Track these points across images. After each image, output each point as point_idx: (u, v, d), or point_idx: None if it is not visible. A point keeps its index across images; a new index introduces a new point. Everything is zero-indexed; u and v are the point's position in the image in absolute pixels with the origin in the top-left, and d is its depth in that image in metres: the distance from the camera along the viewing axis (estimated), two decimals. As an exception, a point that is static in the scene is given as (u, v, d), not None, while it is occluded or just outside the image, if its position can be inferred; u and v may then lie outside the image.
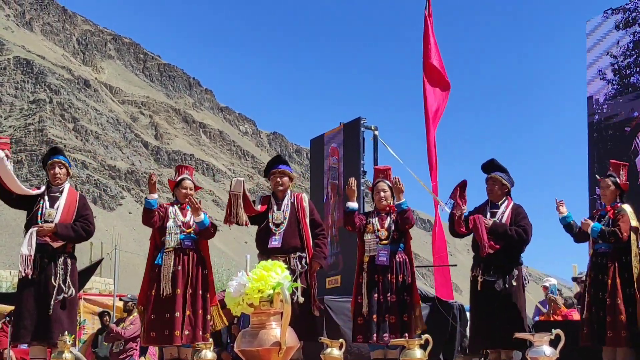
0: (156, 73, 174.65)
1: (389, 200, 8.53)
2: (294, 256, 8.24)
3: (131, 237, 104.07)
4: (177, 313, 8.10)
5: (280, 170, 8.59)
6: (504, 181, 8.38)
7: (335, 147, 14.40)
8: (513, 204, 8.38)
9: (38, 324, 7.97)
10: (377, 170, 8.93)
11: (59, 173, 8.46)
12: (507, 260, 8.15)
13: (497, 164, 8.48)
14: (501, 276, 8.07)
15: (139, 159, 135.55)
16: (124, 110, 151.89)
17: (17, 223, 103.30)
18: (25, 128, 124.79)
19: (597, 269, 8.04)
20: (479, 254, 8.24)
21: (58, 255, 8.22)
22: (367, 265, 8.35)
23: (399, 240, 8.39)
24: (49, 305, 7.99)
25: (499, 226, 8.15)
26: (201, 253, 8.49)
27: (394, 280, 8.20)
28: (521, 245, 8.26)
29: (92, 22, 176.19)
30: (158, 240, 8.46)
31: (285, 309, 3.72)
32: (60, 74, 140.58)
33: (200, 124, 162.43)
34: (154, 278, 8.30)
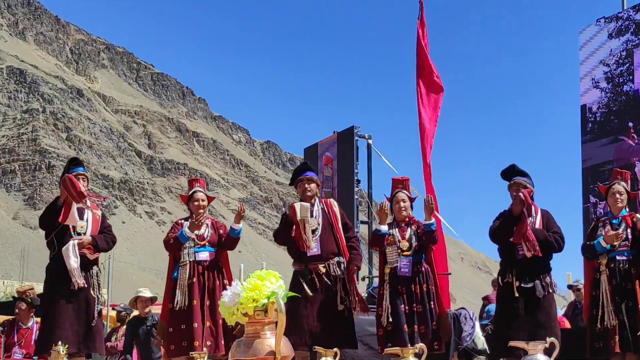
0: (149, 82, 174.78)
1: (408, 211, 8.47)
2: (332, 262, 8.18)
3: (124, 246, 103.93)
4: (196, 324, 8.09)
5: (307, 177, 8.48)
6: (529, 185, 8.26)
7: (330, 156, 14.41)
8: (541, 209, 8.21)
9: (82, 334, 8.01)
10: (396, 181, 8.81)
11: (83, 185, 8.43)
12: (542, 265, 8.00)
13: (518, 169, 8.32)
14: (537, 282, 7.94)
15: (132, 168, 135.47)
16: (117, 119, 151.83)
17: (11, 233, 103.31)
18: (18, 137, 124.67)
19: (618, 276, 7.88)
20: (511, 258, 8.10)
21: (92, 265, 8.26)
22: (389, 276, 8.31)
23: (420, 251, 8.31)
24: (92, 316, 8.07)
25: (539, 232, 7.96)
26: (219, 263, 8.50)
27: (418, 291, 8.16)
28: (555, 253, 8.15)
29: (85, 32, 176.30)
30: (177, 254, 8.46)
31: (279, 318, 3.70)
32: (53, 84, 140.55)
33: (193, 133, 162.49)
34: (171, 291, 8.33)
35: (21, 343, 10.20)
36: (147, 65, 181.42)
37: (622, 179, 8.24)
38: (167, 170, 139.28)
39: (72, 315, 8.01)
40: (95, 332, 8.12)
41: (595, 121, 13.23)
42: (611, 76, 13.05)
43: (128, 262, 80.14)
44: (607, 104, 13.08)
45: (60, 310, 8.00)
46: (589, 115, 13.33)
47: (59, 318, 7.99)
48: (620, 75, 12.93)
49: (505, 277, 8.09)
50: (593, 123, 13.28)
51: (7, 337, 10.19)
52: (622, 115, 12.81)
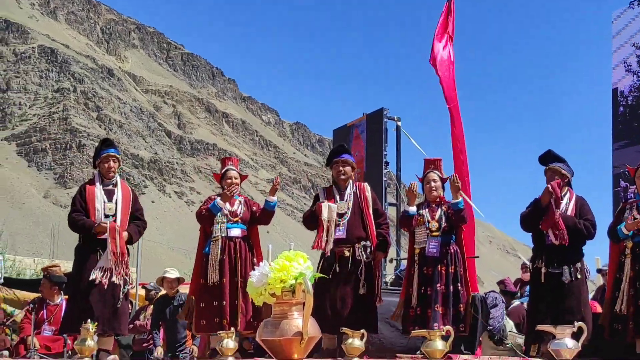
0: (179, 62, 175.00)
1: (439, 191, 8.41)
2: (358, 246, 8.13)
3: (154, 225, 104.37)
4: (224, 302, 8.12)
5: (343, 159, 8.45)
6: (564, 171, 8.18)
7: (359, 138, 14.37)
8: (576, 195, 8.15)
9: (107, 315, 8.02)
10: (427, 161, 8.76)
11: (113, 167, 8.41)
12: (571, 252, 7.94)
13: (554, 155, 8.23)
14: (566, 268, 7.88)
15: (162, 148, 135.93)
16: (147, 99, 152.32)
17: (42, 211, 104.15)
18: (49, 117, 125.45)
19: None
20: (541, 244, 8.06)
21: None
22: (418, 256, 8.29)
23: (450, 232, 8.26)
24: (118, 297, 8.09)
25: (569, 219, 7.91)
26: (250, 241, 8.52)
27: (444, 272, 8.13)
28: (586, 240, 8.06)
29: (116, 12, 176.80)
30: (208, 229, 8.47)
31: (307, 299, 3.70)
32: (84, 63, 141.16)
33: (223, 113, 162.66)
34: (203, 267, 8.34)
35: (50, 320, 10.29)
36: (177, 46, 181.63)
37: None
38: (197, 151, 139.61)
39: (99, 296, 8.02)
40: (120, 314, 8.13)
41: (627, 105, 13.11)
42: (644, 59, 12.92)
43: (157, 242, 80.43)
44: (639, 87, 12.95)
45: (88, 292, 8.03)
46: (621, 99, 13.21)
47: (85, 299, 8.01)
48: (653, 58, 12.80)
49: (535, 262, 8.09)
50: (625, 107, 13.16)
51: (36, 314, 10.27)
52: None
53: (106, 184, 8.35)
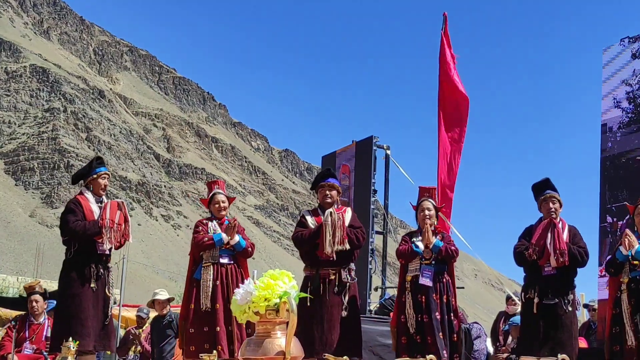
0: (171, 86, 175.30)
1: (433, 220, 8.45)
2: (344, 268, 8.20)
3: (139, 248, 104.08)
4: (218, 327, 8.09)
5: (329, 183, 8.50)
6: (561, 200, 8.25)
7: (347, 166, 14.38)
8: (569, 225, 8.21)
9: (98, 333, 8.02)
10: (422, 190, 8.80)
11: (106, 185, 8.44)
12: (567, 283, 8.00)
13: (552, 184, 8.31)
14: (561, 299, 7.92)
15: (150, 171, 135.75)
16: (137, 121, 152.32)
17: (27, 230, 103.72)
18: (38, 136, 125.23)
19: (637, 296, 7.82)
20: (537, 275, 8.05)
21: (108, 264, 8.28)
22: (410, 284, 8.28)
23: (443, 261, 8.29)
24: (108, 315, 8.11)
25: (567, 244, 7.96)
26: (241, 268, 8.50)
27: (438, 300, 8.12)
28: (578, 267, 8.10)
29: (109, 33, 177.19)
30: (197, 255, 8.45)
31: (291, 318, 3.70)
32: (75, 84, 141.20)
33: (212, 138, 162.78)
34: (193, 292, 8.31)
35: (32, 338, 10.20)
36: (169, 69, 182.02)
37: None
38: (185, 175, 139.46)
39: (92, 312, 7.99)
40: (109, 330, 8.15)
41: (615, 141, 13.15)
42: (633, 96, 12.97)
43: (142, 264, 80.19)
44: (627, 123, 13.01)
45: (81, 307, 7.97)
46: (609, 135, 13.25)
47: (79, 315, 7.95)
48: (642, 95, 12.86)
49: (528, 293, 8.10)
50: (613, 143, 13.20)
51: (18, 332, 10.20)
52: (643, 136, 12.73)
53: (97, 201, 8.34)
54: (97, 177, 8.38)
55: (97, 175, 8.39)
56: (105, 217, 8.09)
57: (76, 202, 8.30)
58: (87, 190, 8.38)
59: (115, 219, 8.13)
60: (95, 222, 8.09)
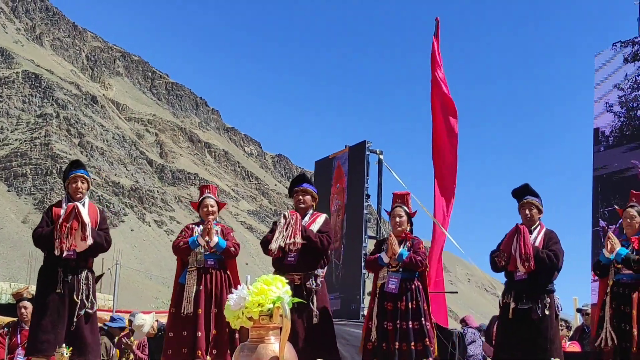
0: (163, 91, 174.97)
1: (404, 226, 8.46)
2: (310, 273, 8.18)
3: (132, 254, 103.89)
4: (200, 333, 8.06)
5: (302, 188, 8.52)
6: (540, 206, 8.31)
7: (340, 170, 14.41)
8: (546, 229, 8.27)
9: (62, 339, 7.96)
10: (395, 196, 8.83)
11: (81, 187, 8.44)
12: (540, 287, 8.03)
13: (531, 189, 8.38)
14: (534, 304, 7.95)
15: (143, 176, 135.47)
16: (130, 127, 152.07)
17: (20, 236, 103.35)
18: (31, 142, 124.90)
19: (619, 299, 7.91)
20: (511, 280, 8.14)
21: (80, 270, 8.22)
22: (379, 291, 8.29)
23: (412, 268, 8.28)
24: (72, 320, 8.04)
25: (534, 248, 8.01)
26: (227, 272, 8.47)
27: (404, 308, 8.12)
28: (551, 271, 8.11)
29: (101, 39, 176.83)
30: (185, 259, 8.44)
31: (284, 323, 3.69)
32: (68, 89, 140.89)
33: (205, 143, 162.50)
34: (177, 296, 8.31)
35: (24, 344, 10.19)
36: (162, 75, 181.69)
37: (637, 202, 8.27)
38: (178, 180, 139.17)
39: (56, 318, 7.98)
40: (79, 336, 8.05)
41: (607, 145, 13.19)
42: (625, 100, 13.01)
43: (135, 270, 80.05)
44: (620, 128, 13.05)
45: (45, 314, 8.00)
46: (602, 139, 13.29)
47: (42, 321, 7.99)
48: (634, 100, 12.89)
49: (505, 298, 8.18)
50: (605, 147, 13.24)
51: (10, 338, 10.19)
52: (635, 140, 12.77)
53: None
54: (70, 181, 8.43)
55: (70, 178, 8.44)
56: (58, 222, 8.12)
57: (48, 209, 8.45)
58: (66, 195, 8.46)
59: (68, 222, 8.11)
60: (51, 228, 8.14)
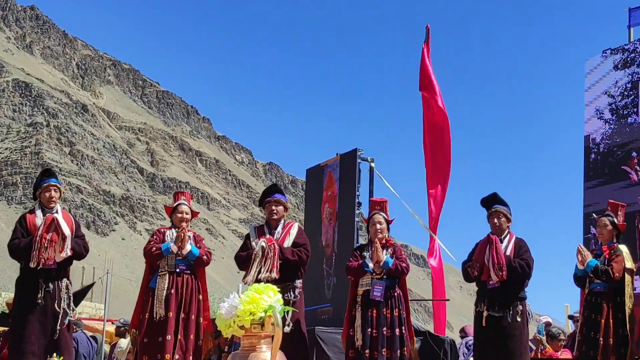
0: (154, 100, 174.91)
1: (384, 233, 8.46)
2: (288, 286, 8.17)
3: (123, 263, 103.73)
4: (169, 336, 8.08)
5: (275, 199, 8.55)
6: (509, 215, 8.39)
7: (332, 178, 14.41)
8: (515, 237, 8.37)
9: (45, 348, 7.96)
10: (373, 202, 8.87)
11: (54, 197, 8.46)
12: (512, 295, 8.12)
13: (499, 198, 8.48)
14: (506, 311, 8.03)
15: (134, 185, 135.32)
16: (120, 135, 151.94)
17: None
18: (21, 150, 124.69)
19: (591, 308, 8.06)
20: (483, 289, 8.26)
21: (60, 279, 8.21)
22: (361, 299, 8.27)
23: (394, 276, 8.30)
24: (56, 329, 8.03)
25: (506, 257, 8.12)
26: (197, 278, 8.47)
27: (389, 315, 8.13)
28: (523, 279, 8.21)
29: (92, 47, 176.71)
30: (154, 263, 8.44)
31: (276, 332, 3.68)
32: (58, 98, 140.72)
33: (196, 152, 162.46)
34: (148, 301, 8.29)
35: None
36: (153, 83, 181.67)
37: (612, 211, 8.40)
38: (169, 189, 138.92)
39: (38, 328, 7.97)
40: (59, 345, 8.05)
41: (598, 152, 13.21)
42: (615, 107, 13.05)
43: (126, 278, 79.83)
44: (610, 135, 13.08)
45: (27, 325, 7.98)
46: (593, 146, 13.32)
47: (24, 332, 7.97)
48: (624, 107, 12.93)
49: (478, 306, 8.30)
50: (596, 154, 13.26)
51: (1, 348, 10.16)
52: (626, 147, 12.80)
53: (46, 213, 8.37)
54: (43, 190, 8.45)
55: (43, 187, 8.46)
56: (37, 234, 8.10)
57: (21, 219, 8.46)
58: (39, 204, 8.47)
59: (48, 235, 8.11)
60: (29, 240, 8.14)
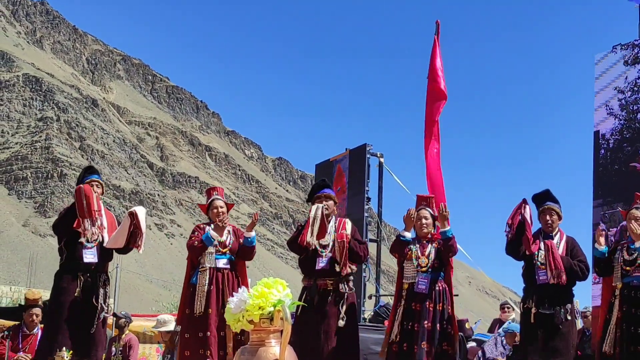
0: (164, 95, 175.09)
1: (430, 228, 8.45)
2: (341, 277, 8.19)
3: (133, 257, 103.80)
4: (209, 332, 8.10)
5: (325, 194, 8.53)
6: (560, 212, 8.33)
7: (341, 174, 14.41)
8: (566, 236, 8.29)
9: (80, 341, 8.02)
10: (420, 198, 8.81)
11: (97, 192, 8.49)
12: (563, 292, 8.05)
13: (552, 195, 8.39)
14: (558, 309, 7.95)
15: (143, 179, 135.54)
16: (130, 130, 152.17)
17: (20, 240, 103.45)
18: (31, 145, 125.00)
19: (630, 302, 7.85)
20: (532, 285, 8.16)
21: (99, 274, 8.28)
22: (406, 292, 8.28)
23: (439, 269, 8.28)
24: (93, 324, 8.09)
25: (564, 260, 8.03)
26: (237, 273, 8.51)
27: (431, 308, 8.13)
28: (579, 281, 8.15)
29: (102, 42, 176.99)
30: (195, 260, 8.48)
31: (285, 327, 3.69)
32: (68, 93, 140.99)
33: (206, 147, 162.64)
34: (189, 297, 8.33)
35: (26, 348, 10.17)
36: (163, 78, 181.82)
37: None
38: (178, 183, 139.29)
39: (74, 322, 8.03)
40: (94, 340, 8.13)
41: (608, 148, 13.17)
42: (625, 103, 13.00)
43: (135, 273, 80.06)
44: (620, 131, 13.04)
45: (63, 317, 8.04)
46: (602, 142, 13.27)
47: (62, 325, 8.02)
48: (634, 102, 12.89)
49: (526, 302, 8.17)
50: (606, 150, 13.22)
51: (12, 341, 10.16)
52: (636, 143, 12.77)
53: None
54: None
55: (87, 183, 8.49)
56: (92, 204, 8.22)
57: (67, 210, 8.45)
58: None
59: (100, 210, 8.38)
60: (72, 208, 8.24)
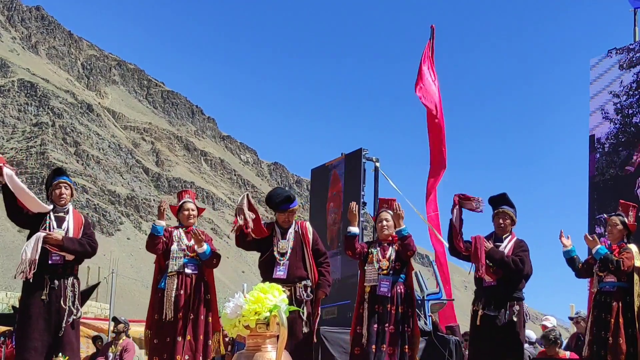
0: (159, 100, 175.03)
1: (390, 230, 8.52)
2: (299, 285, 8.19)
3: (128, 262, 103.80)
4: (179, 338, 8.11)
5: (290, 209, 8.56)
6: (514, 217, 8.46)
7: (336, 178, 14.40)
8: (516, 238, 8.44)
9: (49, 346, 7.95)
10: (382, 201, 8.94)
11: (65, 194, 8.44)
12: (508, 294, 8.17)
13: (508, 199, 8.55)
14: (502, 310, 8.07)
15: (139, 185, 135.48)
16: (125, 135, 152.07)
17: (16, 245, 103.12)
18: (27, 150, 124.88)
19: (600, 307, 8.02)
20: (480, 287, 8.31)
21: (67, 276, 8.20)
22: (368, 295, 8.32)
23: (400, 271, 8.36)
24: (61, 327, 7.99)
25: (496, 252, 8.19)
26: (205, 278, 8.50)
27: (393, 311, 8.19)
28: (517, 277, 8.25)
29: (97, 47, 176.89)
30: (162, 263, 8.48)
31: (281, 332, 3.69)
32: (63, 98, 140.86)
33: (201, 152, 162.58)
34: (157, 302, 8.34)
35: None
36: (158, 83, 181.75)
37: (623, 211, 8.41)
38: (174, 188, 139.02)
39: (43, 325, 7.96)
40: (64, 343, 8.00)
41: (603, 152, 13.20)
42: (621, 107, 13.04)
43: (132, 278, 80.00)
44: (615, 135, 13.07)
45: (30, 321, 7.97)
46: (597, 146, 13.31)
47: (28, 329, 7.96)
48: (629, 106, 12.92)
49: (475, 305, 8.36)
50: (601, 154, 13.25)
51: (6, 347, 10.18)
52: (631, 147, 12.80)
53: (57, 211, 8.36)
54: (54, 188, 8.45)
55: (54, 185, 8.45)
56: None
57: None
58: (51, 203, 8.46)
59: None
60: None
